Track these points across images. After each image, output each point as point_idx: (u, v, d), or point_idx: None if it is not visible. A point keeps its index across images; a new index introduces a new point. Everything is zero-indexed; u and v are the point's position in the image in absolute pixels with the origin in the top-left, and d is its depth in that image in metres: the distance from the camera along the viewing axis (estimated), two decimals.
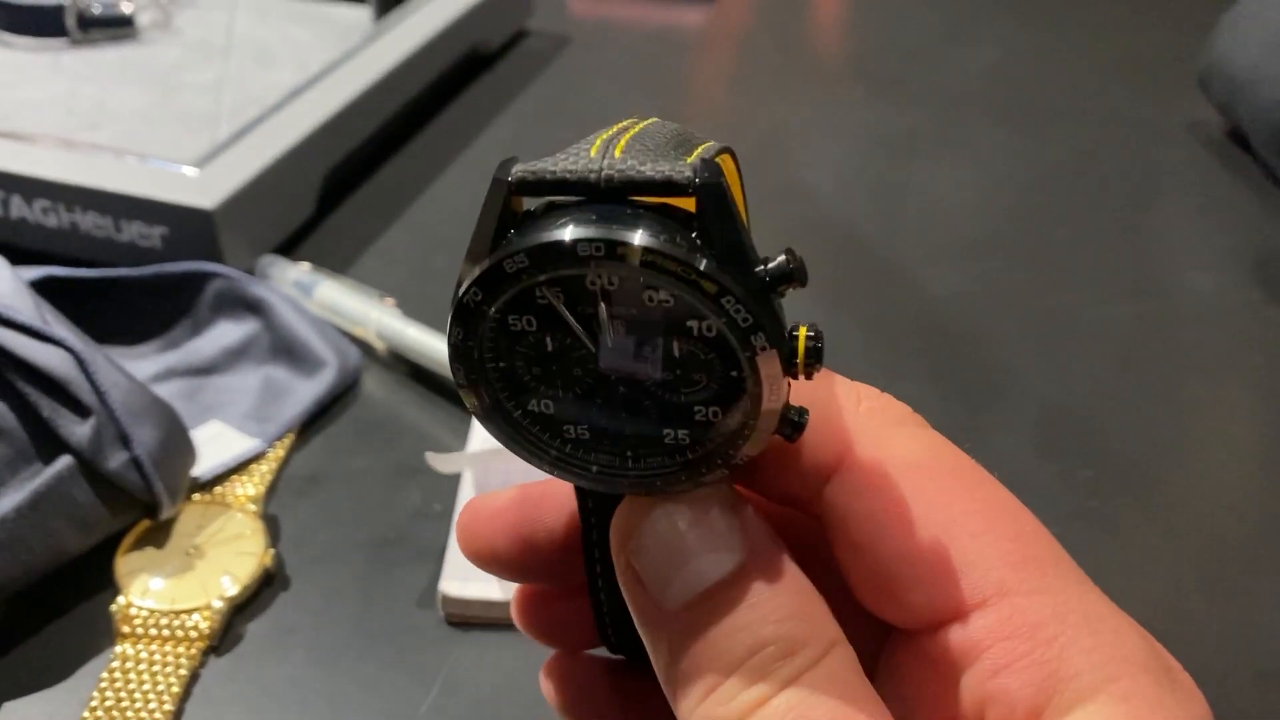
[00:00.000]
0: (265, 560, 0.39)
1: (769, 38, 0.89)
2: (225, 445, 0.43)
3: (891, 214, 0.63)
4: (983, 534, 0.19)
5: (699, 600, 0.18)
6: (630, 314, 0.18)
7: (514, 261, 0.18)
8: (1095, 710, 0.18)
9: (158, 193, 0.50)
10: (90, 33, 0.70)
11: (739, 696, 0.18)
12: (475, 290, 0.18)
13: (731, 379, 0.18)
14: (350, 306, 0.49)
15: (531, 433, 0.20)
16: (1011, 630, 0.19)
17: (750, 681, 0.18)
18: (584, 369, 0.19)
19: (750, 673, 0.18)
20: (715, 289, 0.17)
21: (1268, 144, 0.64)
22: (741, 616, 0.18)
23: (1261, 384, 0.51)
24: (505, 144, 0.69)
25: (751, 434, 0.18)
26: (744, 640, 0.18)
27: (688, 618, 0.18)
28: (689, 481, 0.19)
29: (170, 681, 0.35)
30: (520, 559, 0.23)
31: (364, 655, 0.37)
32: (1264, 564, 0.42)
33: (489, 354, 0.19)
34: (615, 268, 0.17)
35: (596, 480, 0.20)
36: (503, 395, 0.19)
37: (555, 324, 0.19)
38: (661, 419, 0.19)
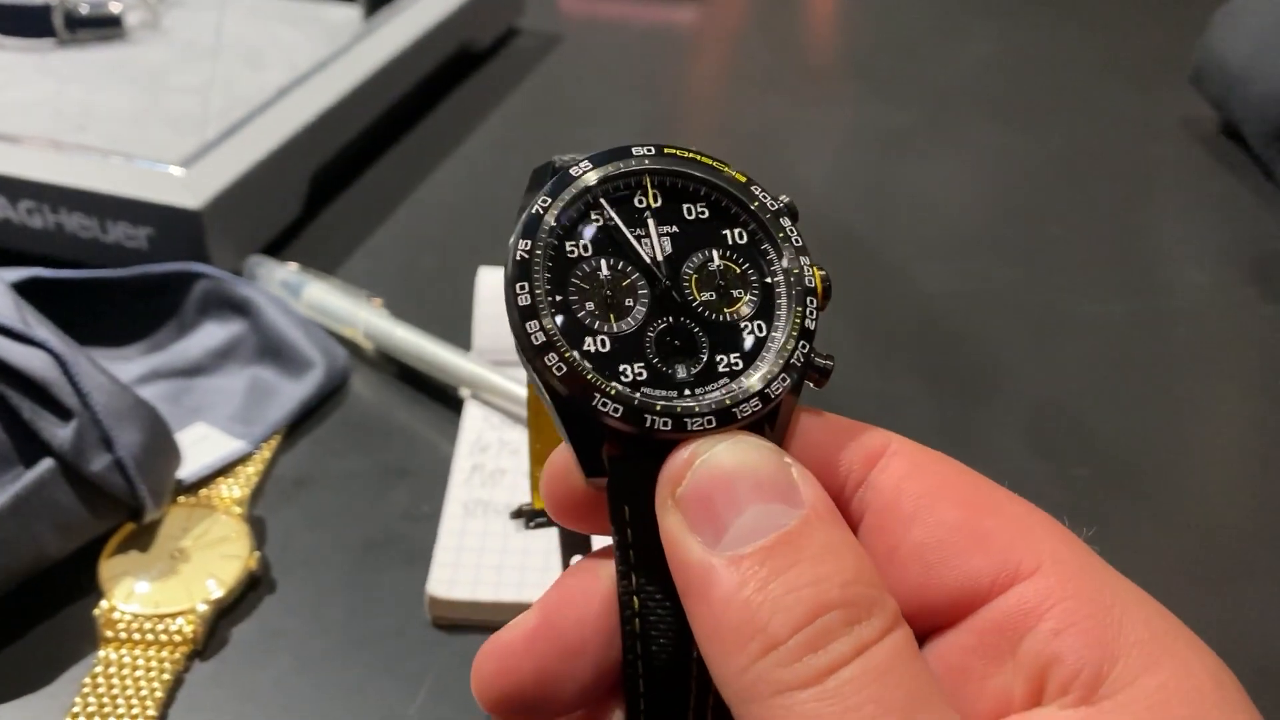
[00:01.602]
0: (250, 563, 0.38)
1: (760, 35, 0.88)
2: (211, 447, 0.43)
3: (884, 211, 0.63)
4: (1026, 515, 0.20)
5: (757, 552, 0.17)
6: (674, 231, 0.20)
7: (579, 168, 0.20)
8: (1162, 681, 0.17)
9: (144, 193, 0.50)
10: (78, 33, 0.70)
11: (805, 660, 0.16)
12: (545, 198, 0.20)
13: (767, 285, 0.20)
14: (338, 307, 0.49)
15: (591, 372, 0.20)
16: (1072, 592, 0.18)
17: (815, 645, 0.16)
18: (637, 297, 0.20)
19: (816, 636, 0.16)
20: (745, 179, 0.21)
21: (1262, 139, 0.64)
22: (805, 573, 0.17)
23: (1255, 380, 0.51)
24: (495, 143, 0.68)
25: (793, 350, 0.20)
26: (808, 599, 0.17)
27: (743, 570, 0.17)
28: (745, 419, 0.19)
29: (154, 686, 0.35)
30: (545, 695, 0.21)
31: (351, 659, 0.36)
32: (1258, 561, 0.41)
33: (548, 285, 0.20)
34: (665, 166, 0.21)
35: (660, 415, 0.19)
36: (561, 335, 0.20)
37: (609, 248, 0.20)
38: (713, 346, 0.20)
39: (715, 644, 0.17)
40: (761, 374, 0.20)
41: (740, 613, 0.17)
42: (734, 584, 0.17)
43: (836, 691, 0.16)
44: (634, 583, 0.19)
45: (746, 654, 0.17)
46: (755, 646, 0.17)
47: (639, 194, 0.21)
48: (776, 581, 0.17)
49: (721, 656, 0.17)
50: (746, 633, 0.17)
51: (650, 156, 0.21)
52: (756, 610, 0.17)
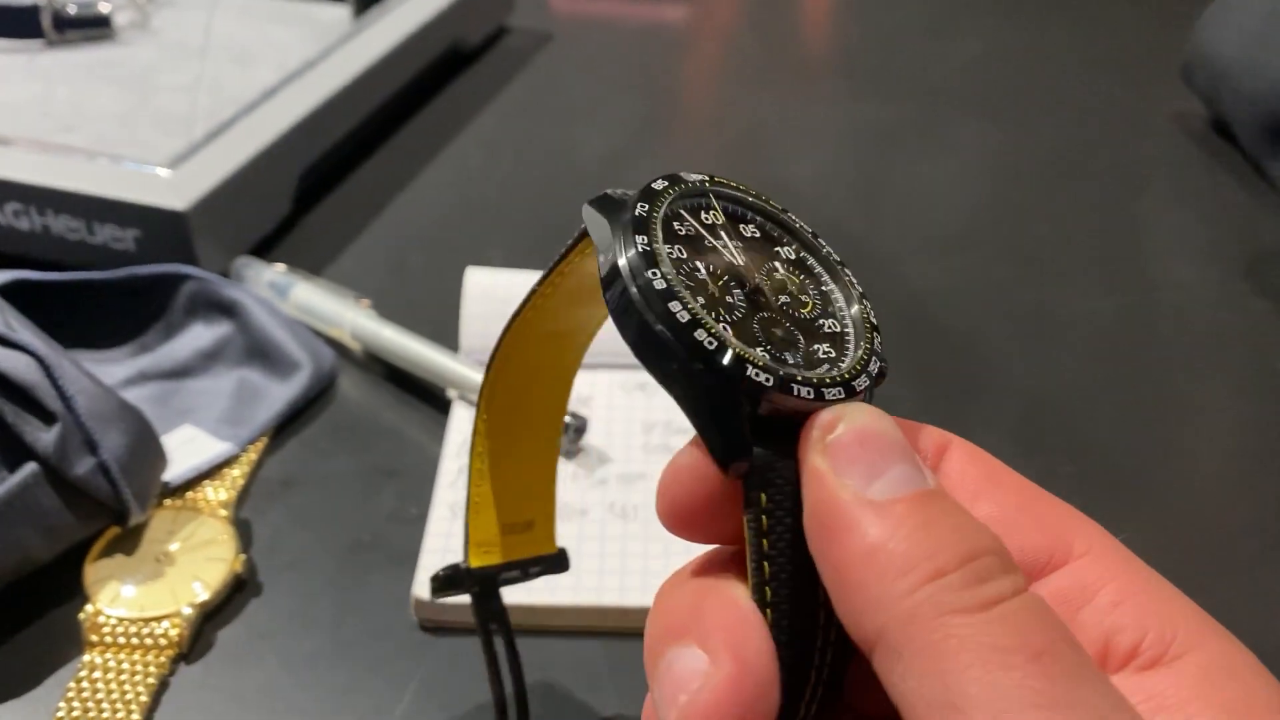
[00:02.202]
0: (236, 566, 0.38)
1: (751, 33, 0.88)
2: (197, 449, 0.43)
3: (873, 208, 0.63)
4: (1070, 509, 0.21)
5: (913, 497, 0.18)
6: (739, 245, 0.22)
7: (658, 183, 0.21)
8: (1213, 656, 0.18)
9: (130, 194, 0.50)
10: (66, 33, 0.70)
11: (972, 589, 0.17)
12: (641, 203, 0.21)
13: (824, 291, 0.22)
14: (325, 308, 0.49)
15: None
16: (1123, 571, 0.19)
17: (980, 579, 0.17)
18: (734, 295, 0.21)
19: (980, 570, 0.17)
20: (781, 207, 0.23)
21: (1252, 134, 0.64)
22: (960, 519, 0.18)
23: (1246, 376, 0.51)
24: (485, 142, 0.68)
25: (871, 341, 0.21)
26: (967, 540, 0.18)
27: (900, 510, 0.18)
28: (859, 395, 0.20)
29: (139, 690, 0.35)
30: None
31: (337, 661, 0.36)
32: (1247, 557, 0.41)
33: (675, 272, 0.20)
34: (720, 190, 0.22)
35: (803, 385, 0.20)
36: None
37: (700, 253, 0.21)
38: (805, 337, 0.21)
39: (870, 572, 0.18)
40: (851, 361, 0.21)
41: (904, 544, 0.17)
42: (896, 519, 0.18)
43: (1002, 617, 0.17)
44: (766, 572, 0.19)
45: (910, 580, 0.17)
46: (920, 574, 0.17)
47: (707, 210, 0.22)
48: (937, 521, 0.18)
49: (879, 583, 0.17)
50: (912, 560, 0.17)
51: (705, 181, 0.22)
52: (920, 543, 0.17)
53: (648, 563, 0.39)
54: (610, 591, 0.38)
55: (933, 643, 0.17)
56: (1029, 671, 0.16)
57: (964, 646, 0.16)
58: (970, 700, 0.16)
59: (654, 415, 0.45)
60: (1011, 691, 0.16)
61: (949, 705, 0.16)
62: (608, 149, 0.68)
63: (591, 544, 0.39)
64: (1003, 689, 0.16)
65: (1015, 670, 0.16)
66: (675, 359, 0.19)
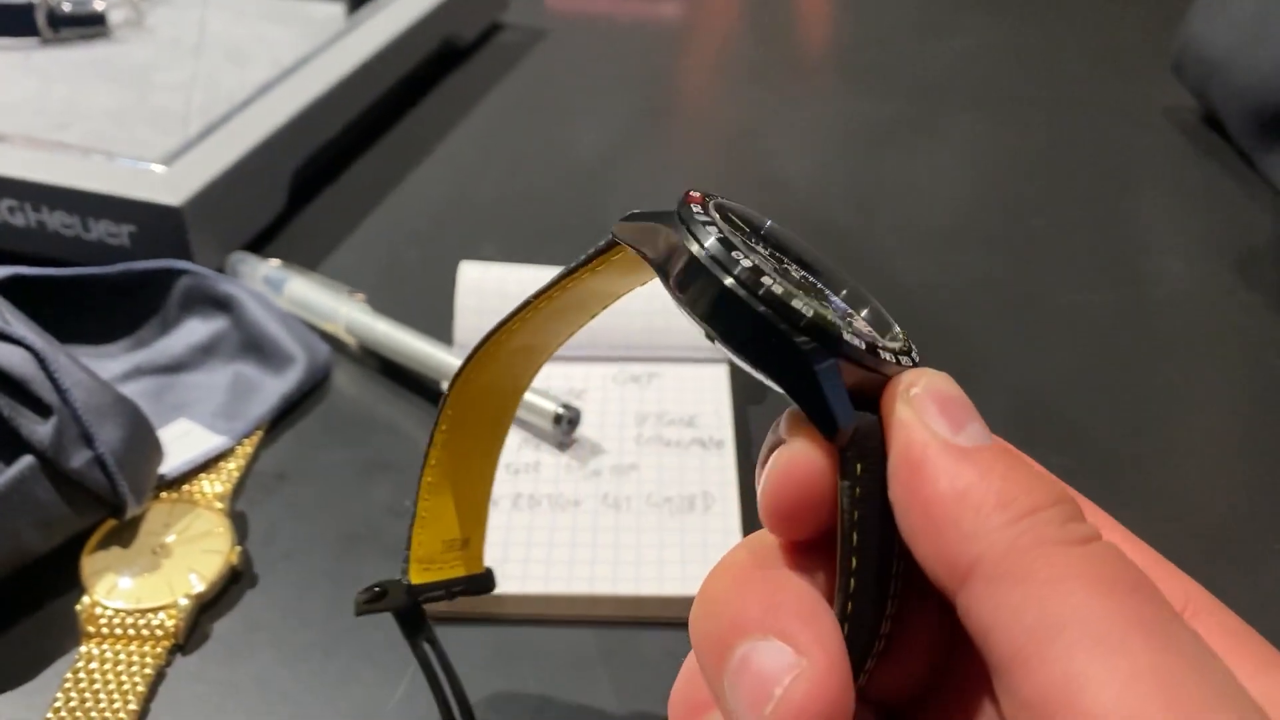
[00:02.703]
0: (232, 558, 0.38)
1: (745, 30, 0.88)
2: (193, 443, 0.43)
3: (867, 204, 0.63)
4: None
5: (993, 446, 0.19)
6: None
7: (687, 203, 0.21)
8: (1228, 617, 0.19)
9: (125, 190, 0.50)
10: (61, 32, 0.70)
11: (1067, 525, 0.18)
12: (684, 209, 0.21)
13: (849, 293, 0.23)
14: (320, 302, 0.49)
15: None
16: (1126, 539, 0.20)
17: (1071, 518, 0.18)
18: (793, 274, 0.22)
19: (1069, 512, 0.18)
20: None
21: (1242, 127, 0.64)
22: (1038, 469, 0.19)
23: (1237, 369, 0.51)
24: (479, 138, 0.68)
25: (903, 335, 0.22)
26: (1052, 486, 0.18)
27: (988, 454, 0.19)
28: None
29: (135, 681, 0.35)
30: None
31: (332, 651, 0.37)
32: (1236, 548, 0.42)
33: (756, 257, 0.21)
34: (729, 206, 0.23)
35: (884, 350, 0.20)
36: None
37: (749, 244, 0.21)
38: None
39: (965, 508, 0.18)
40: (900, 340, 0.21)
41: (999, 482, 0.18)
42: (986, 461, 0.19)
43: (1098, 553, 0.17)
44: (854, 541, 0.20)
45: (1009, 513, 0.18)
46: (1018, 509, 0.18)
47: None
48: (1021, 469, 0.19)
49: (975, 518, 0.18)
50: (1008, 496, 0.18)
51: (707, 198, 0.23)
52: (1013, 483, 0.18)
53: (640, 553, 0.39)
54: (603, 581, 0.38)
55: (1033, 570, 0.17)
56: (1129, 601, 0.17)
57: (1067, 574, 0.17)
58: (1072, 624, 0.16)
59: (646, 407, 0.45)
60: (1115, 614, 0.16)
61: (1048, 628, 0.16)
62: (602, 145, 0.68)
63: (584, 534, 0.40)
64: (1105, 613, 0.16)
65: (1116, 598, 0.17)
66: (777, 332, 0.19)
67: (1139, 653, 0.16)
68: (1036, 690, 0.16)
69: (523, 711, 0.35)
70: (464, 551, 0.32)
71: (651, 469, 0.42)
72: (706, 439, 0.44)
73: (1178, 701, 0.16)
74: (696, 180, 0.66)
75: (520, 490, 0.41)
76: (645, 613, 0.38)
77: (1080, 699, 0.16)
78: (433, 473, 0.29)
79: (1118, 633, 0.16)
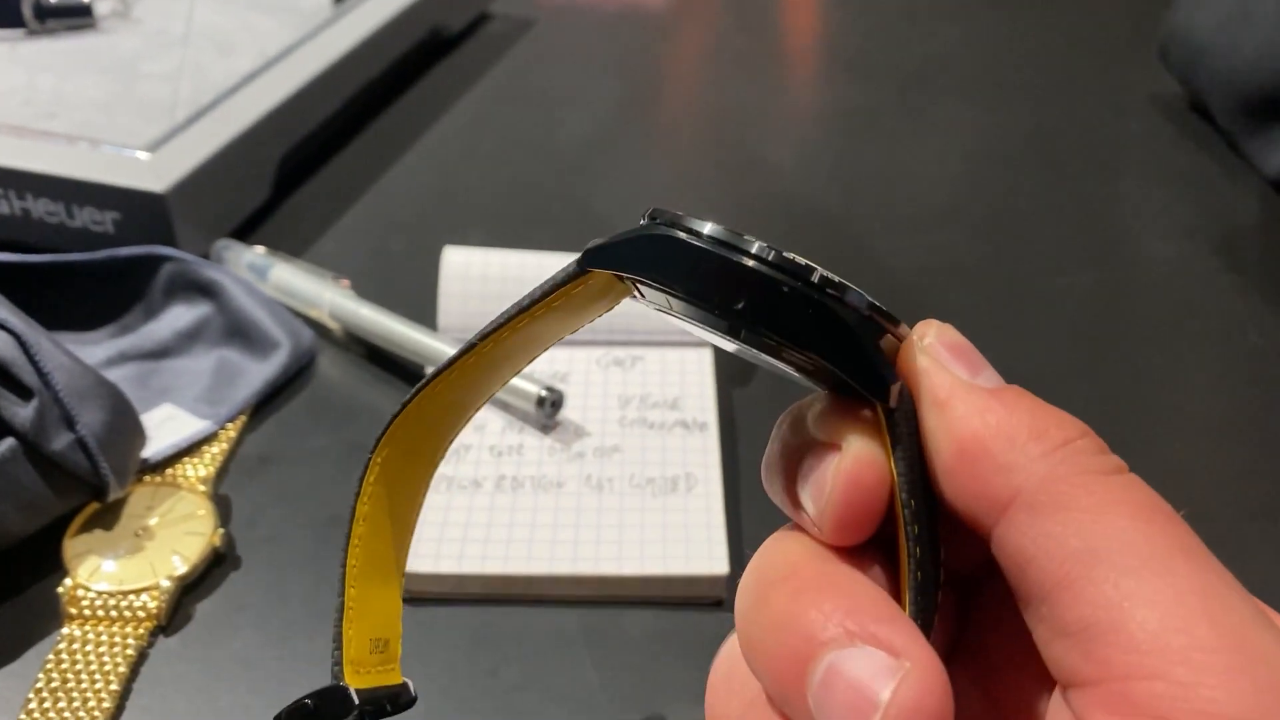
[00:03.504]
0: (214, 540, 0.39)
1: (732, 18, 0.89)
2: (177, 427, 0.43)
3: (853, 189, 0.63)
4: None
5: (1013, 387, 0.19)
6: None
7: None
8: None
9: (109, 177, 0.50)
10: (48, 23, 0.70)
11: (1105, 456, 0.18)
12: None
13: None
14: (304, 288, 0.49)
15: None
16: None
17: (1101, 450, 0.18)
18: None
19: (1095, 445, 0.19)
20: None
21: (1226, 113, 0.64)
22: (1057, 408, 0.19)
23: (1220, 350, 0.51)
24: (465, 126, 0.68)
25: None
26: (1074, 421, 0.19)
27: (1011, 393, 0.19)
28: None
29: (117, 662, 0.35)
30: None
31: (314, 632, 0.37)
32: (1217, 530, 0.42)
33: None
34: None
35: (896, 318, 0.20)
36: None
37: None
38: None
39: (1000, 440, 0.18)
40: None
41: (1029, 416, 0.18)
42: (1011, 398, 0.19)
43: (1134, 482, 0.18)
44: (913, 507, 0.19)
45: (1046, 443, 0.18)
46: (1054, 439, 0.18)
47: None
48: (1045, 405, 0.19)
49: (1011, 449, 0.18)
50: (1042, 427, 0.18)
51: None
52: (1043, 417, 0.19)
53: (623, 533, 0.39)
54: (585, 561, 0.38)
55: (1075, 498, 0.17)
56: (1169, 526, 0.17)
57: (1108, 500, 0.17)
58: (1117, 549, 0.17)
59: (630, 390, 0.45)
60: (1158, 539, 0.17)
61: (1093, 552, 0.17)
62: (588, 133, 0.68)
63: (568, 515, 0.40)
64: (1148, 538, 0.17)
65: (1157, 524, 0.17)
66: (814, 304, 0.19)
67: (1183, 575, 0.16)
68: (1082, 616, 0.17)
69: (505, 690, 0.35)
70: (384, 654, 0.26)
71: (635, 450, 0.43)
72: (690, 421, 0.44)
73: (1222, 620, 0.16)
74: (683, 168, 0.66)
75: (504, 472, 0.41)
76: (627, 592, 0.38)
77: (1128, 621, 0.16)
78: (356, 554, 0.25)
79: (1161, 556, 0.17)
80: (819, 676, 0.18)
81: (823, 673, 0.18)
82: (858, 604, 0.19)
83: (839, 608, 0.19)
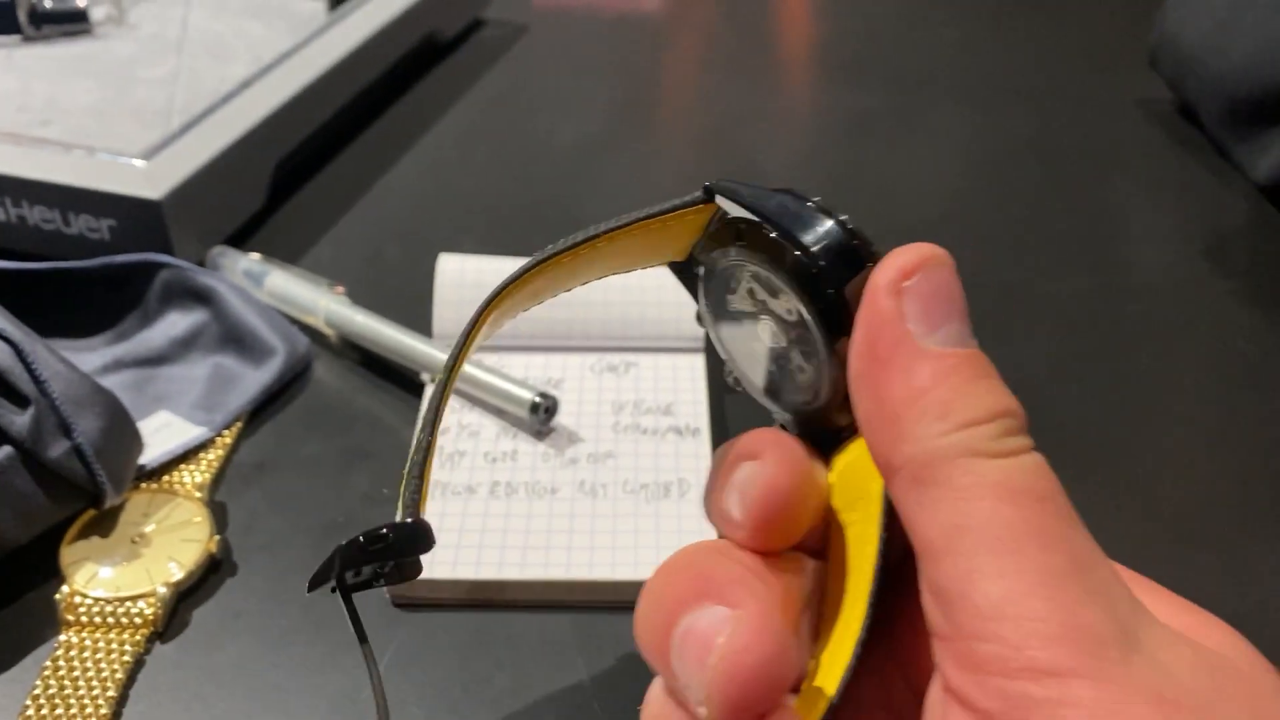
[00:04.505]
0: (211, 546, 0.39)
1: (727, 23, 0.89)
2: (173, 434, 0.43)
3: (848, 195, 0.64)
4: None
5: (963, 353, 0.20)
6: None
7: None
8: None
9: (105, 184, 0.50)
10: (43, 29, 0.70)
11: (1000, 440, 0.19)
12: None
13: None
14: (299, 295, 0.49)
15: None
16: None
17: (1007, 434, 0.20)
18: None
19: (1007, 427, 0.20)
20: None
21: (1215, 118, 0.65)
22: (994, 382, 0.20)
23: (1210, 354, 0.51)
24: (460, 132, 0.69)
25: None
26: (1000, 401, 0.20)
27: (951, 361, 0.20)
28: None
29: (114, 668, 0.35)
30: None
31: (311, 638, 0.37)
32: (1201, 532, 0.42)
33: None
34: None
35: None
36: None
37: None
38: None
39: (912, 410, 0.20)
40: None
41: (947, 393, 0.20)
42: (947, 368, 0.20)
43: (1017, 466, 0.19)
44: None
45: (946, 424, 0.20)
46: (955, 420, 0.20)
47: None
48: (978, 381, 0.20)
49: (918, 422, 0.20)
50: (950, 408, 0.20)
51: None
52: (961, 395, 0.20)
53: (616, 538, 0.39)
54: (579, 567, 0.38)
55: (954, 476, 0.19)
56: (1031, 510, 0.19)
57: (981, 482, 0.19)
58: (978, 524, 0.19)
59: (623, 396, 0.46)
60: (1014, 521, 0.19)
61: (958, 526, 0.19)
62: (583, 139, 0.68)
63: (561, 521, 0.40)
64: (1006, 518, 0.19)
65: (1020, 507, 0.19)
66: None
67: (1030, 555, 0.18)
68: (943, 581, 0.19)
69: (500, 695, 0.35)
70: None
71: (628, 456, 0.43)
72: (683, 427, 0.44)
73: (1056, 596, 0.18)
74: (678, 173, 0.67)
75: (498, 478, 0.42)
76: (621, 597, 0.38)
77: (974, 592, 0.18)
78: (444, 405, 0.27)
79: (1016, 537, 0.19)
80: (678, 639, 0.21)
81: (680, 634, 0.21)
82: (713, 573, 0.21)
83: (697, 577, 0.21)
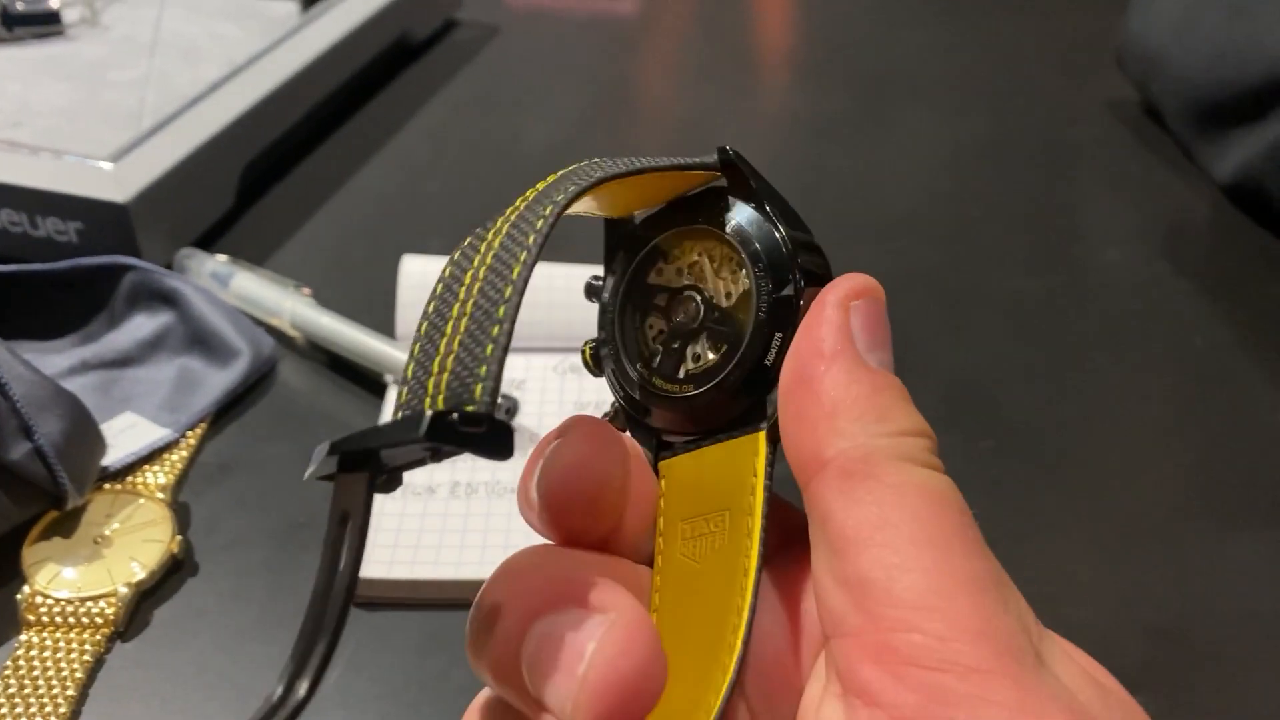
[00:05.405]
0: (173, 547, 0.39)
1: (699, 26, 0.89)
2: (137, 435, 0.44)
3: (814, 196, 0.64)
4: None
5: (890, 375, 0.21)
6: None
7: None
8: None
9: (72, 187, 0.51)
10: (16, 30, 0.70)
11: (926, 454, 0.20)
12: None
13: None
14: (264, 297, 0.50)
15: None
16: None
17: (930, 449, 0.21)
18: None
19: (929, 447, 0.21)
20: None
21: (1179, 118, 0.66)
22: (915, 409, 0.21)
23: (1165, 353, 0.52)
24: (430, 134, 0.69)
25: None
26: (922, 423, 0.21)
27: (884, 379, 0.21)
28: None
29: (74, 668, 0.36)
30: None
31: (270, 637, 0.37)
32: (1153, 529, 0.43)
33: None
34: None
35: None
36: None
37: None
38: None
39: (853, 409, 0.21)
40: None
41: (887, 400, 0.21)
42: (884, 383, 0.21)
43: (939, 478, 0.20)
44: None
45: (884, 427, 0.20)
46: (892, 426, 0.20)
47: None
48: (907, 402, 0.21)
49: (857, 422, 0.20)
50: (889, 415, 0.21)
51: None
52: (896, 408, 0.21)
53: None
54: None
55: (885, 473, 0.20)
56: (956, 518, 0.19)
57: (911, 483, 0.20)
58: (907, 519, 0.19)
59: (585, 396, 0.46)
60: (943, 522, 0.19)
61: (881, 522, 0.19)
62: (553, 140, 0.69)
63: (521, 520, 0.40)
64: (934, 517, 0.19)
65: (948, 512, 0.19)
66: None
67: (956, 554, 0.19)
68: (862, 571, 0.19)
69: (455, 693, 0.36)
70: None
71: None
72: None
73: (978, 597, 0.18)
74: None
75: (458, 479, 0.42)
76: None
77: (897, 583, 0.18)
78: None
79: (942, 537, 0.19)
80: (531, 647, 0.20)
81: (534, 642, 0.20)
82: (569, 575, 0.20)
83: (551, 580, 0.20)
